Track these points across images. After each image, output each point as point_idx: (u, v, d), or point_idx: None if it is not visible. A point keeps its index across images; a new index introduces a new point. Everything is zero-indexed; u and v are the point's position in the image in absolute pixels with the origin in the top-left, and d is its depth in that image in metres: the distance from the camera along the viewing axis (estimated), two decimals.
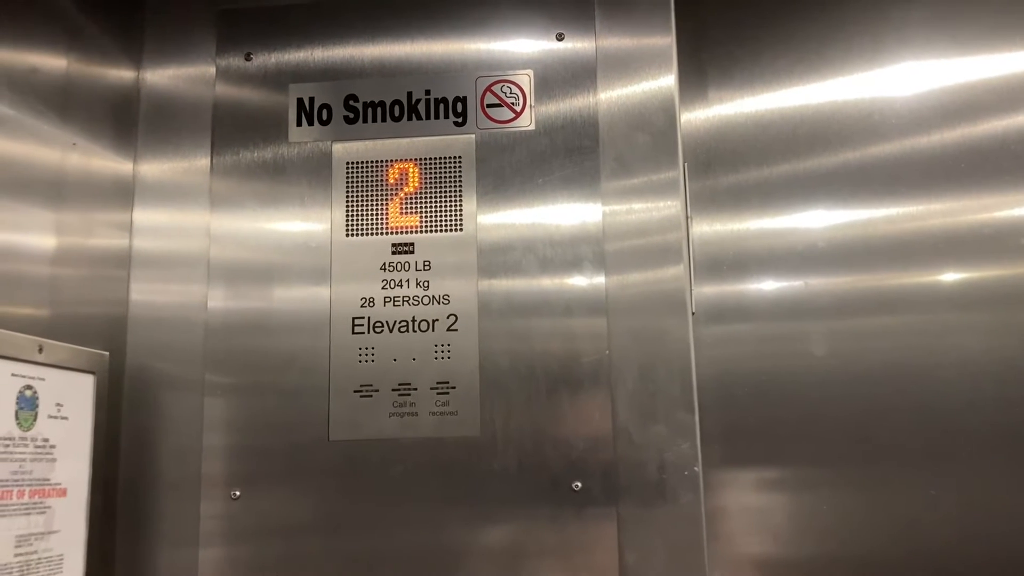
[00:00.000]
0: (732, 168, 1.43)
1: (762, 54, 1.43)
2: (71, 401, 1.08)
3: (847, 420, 1.35)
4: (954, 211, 1.39)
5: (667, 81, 1.25)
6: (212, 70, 1.31)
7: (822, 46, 1.43)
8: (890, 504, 1.33)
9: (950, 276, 1.37)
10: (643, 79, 1.25)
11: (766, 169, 1.43)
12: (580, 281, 1.20)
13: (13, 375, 0.99)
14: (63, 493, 1.06)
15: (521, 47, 1.26)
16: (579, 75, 1.25)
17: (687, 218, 1.24)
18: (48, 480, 1.03)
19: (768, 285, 1.40)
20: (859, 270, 1.38)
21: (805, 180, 1.41)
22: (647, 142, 1.23)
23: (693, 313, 1.21)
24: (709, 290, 1.40)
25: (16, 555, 0.97)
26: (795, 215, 1.41)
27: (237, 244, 1.26)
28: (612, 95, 1.25)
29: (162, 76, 1.32)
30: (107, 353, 1.16)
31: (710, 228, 1.42)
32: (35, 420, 1.01)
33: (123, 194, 1.28)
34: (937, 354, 1.35)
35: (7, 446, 0.97)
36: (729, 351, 1.39)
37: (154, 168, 1.31)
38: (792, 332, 1.39)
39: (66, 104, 1.16)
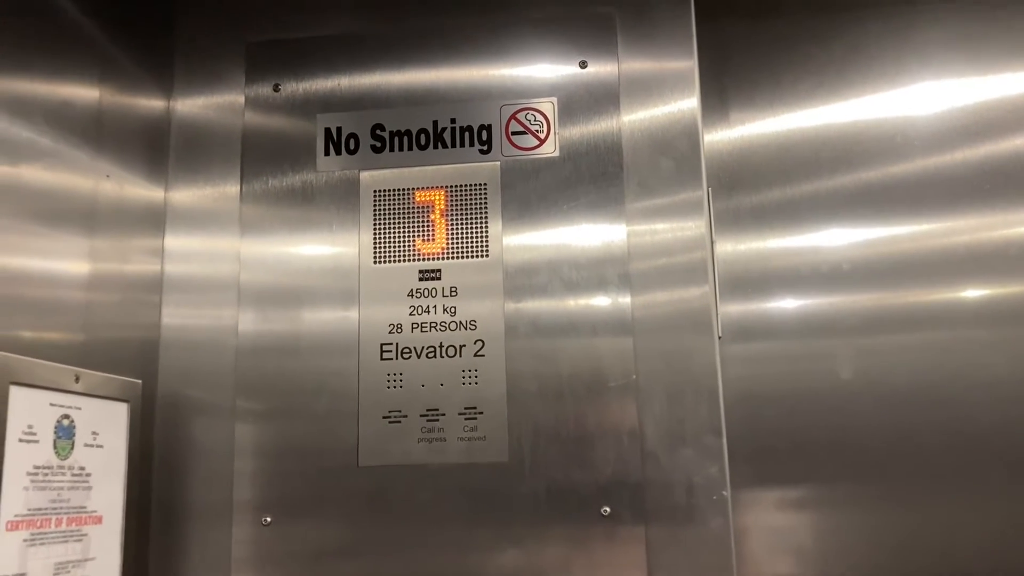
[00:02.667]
0: (755, 189, 1.44)
1: (783, 78, 1.45)
2: (106, 429, 1.10)
3: (874, 439, 1.35)
4: (978, 229, 1.39)
5: (690, 104, 1.26)
6: (241, 99, 1.33)
7: (843, 69, 1.44)
8: (918, 524, 1.33)
9: (975, 293, 1.38)
10: (666, 102, 1.26)
11: (789, 189, 1.44)
12: (606, 302, 1.21)
13: (51, 404, 1.00)
14: (99, 520, 1.07)
15: (545, 74, 1.28)
16: (602, 101, 1.26)
17: (712, 240, 1.25)
18: (84, 508, 1.05)
19: (792, 304, 1.41)
20: (884, 288, 1.39)
21: (828, 200, 1.42)
22: (671, 164, 1.24)
23: (720, 337, 1.21)
24: (733, 309, 1.40)
25: None
26: (819, 234, 1.42)
27: (267, 269, 1.28)
28: (635, 119, 1.26)
29: (192, 106, 1.35)
30: (140, 381, 1.18)
31: (734, 248, 1.43)
32: (72, 449, 1.03)
33: (155, 221, 1.31)
34: (963, 372, 1.35)
35: (46, 475, 0.98)
36: (754, 370, 1.39)
37: (185, 195, 1.33)
38: (817, 351, 1.39)
39: (99, 134, 1.18)
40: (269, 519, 1.20)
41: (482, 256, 1.24)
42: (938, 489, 1.34)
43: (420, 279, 1.24)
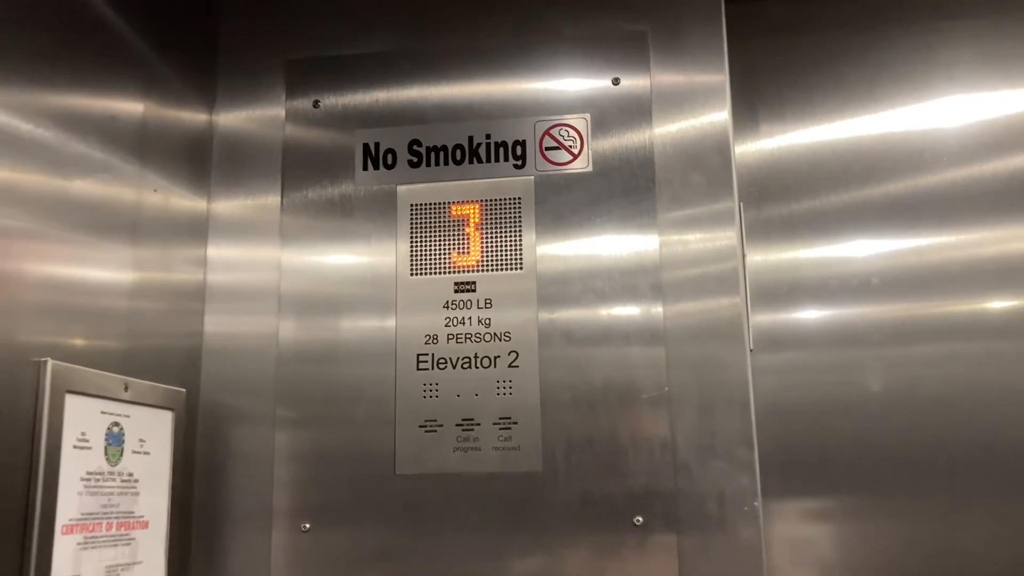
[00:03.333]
0: (785, 201, 1.46)
1: (813, 94, 1.47)
2: (152, 436, 1.13)
3: (902, 451, 1.37)
4: (1006, 241, 1.40)
5: (721, 117, 1.28)
6: (282, 114, 1.37)
7: (872, 85, 1.46)
8: (947, 536, 1.34)
9: (1002, 305, 1.39)
10: (698, 117, 1.29)
11: (819, 201, 1.46)
12: (638, 312, 1.23)
13: (102, 412, 1.04)
14: (145, 525, 1.11)
15: (578, 91, 1.30)
16: (635, 116, 1.28)
17: (743, 252, 1.26)
18: (132, 513, 1.08)
19: (821, 315, 1.43)
20: (912, 300, 1.40)
21: (857, 212, 1.44)
22: (702, 177, 1.26)
23: (751, 350, 1.23)
24: (763, 319, 1.42)
25: None
26: (848, 245, 1.44)
27: (306, 279, 1.31)
28: (667, 133, 1.28)
29: (235, 120, 1.38)
30: (184, 390, 1.21)
31: (764, 259, 1.45)
32: (121, 455, 1.07)
33: (198, 231, 1.34)
34: (992, 384, 1.36)
35: (97, 480, 1.02)
36: (783, 381, 1.41)
37: (227, 206, 1.36)
38: (846, 362, 1.41)
39: (145, 147, 1.22)
40: (308, 526, 1.23)
41: (516, 268, 1.26)
42: (967, 501, 1.35)
43: (455, 291, 1.27)
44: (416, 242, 1.29)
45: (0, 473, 0.90)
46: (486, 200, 1.29)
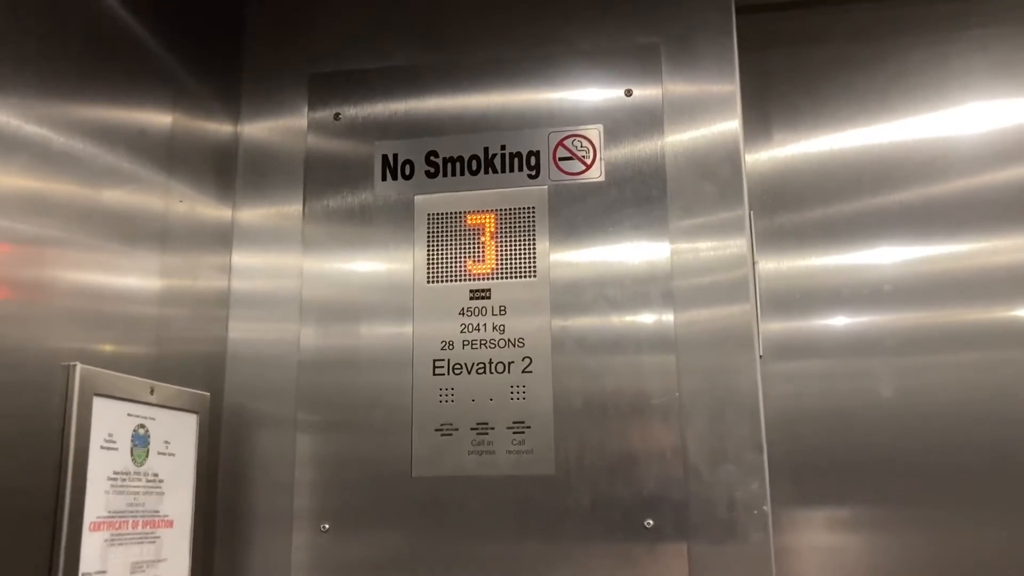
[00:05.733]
0: (797, 209, 1.47)
1: (825, 103, 1.48)
2: (177, 438, 1.17)
3: (916, 459, 1.37)
4: (1019, 249, 1.40)
5: (732, 127, 1.30)
6: (304, 126, 1.41)
7: (884, 94, 1.47)
8: (962, 546, 1.34)
9: (1016, 314, 1.39)
10: (709, 126, 1.31)
11: (831, 209, 1.47)
12: (650, 319, 1.26)
13: (129, 415, 1.08)
14: (170, 524, 1.15)
15: (591, 102, 1.33)
16: (647, 127, 1.31)
17: (753, 260, 1.28)
18: (157, 512, 1.12)
19: (834, 322, 1.44)
20: (925, 307, 1.41)
21: (870, 220, 1.45)
22: (713, 186, 1.29)
23: (760, 356, 1.25)
24: (775, 327, 1.43)
25: None
26: (860, 254, 1.44)
27: (327, 286, 1.35)
28: (679, 143, 1.31)
29: (258, 131, 1.43)
30: (208, 394, 1.25)
31: (776, 267, 1.46)
32: (147, 456, 1.11)
33: (223, 239, 1.38)
34: (1006, 392, 1.36)
35: (124, 480, 1.06)
36: (796, 388, 1.42)
37: (251, 215, 1.40)
38: (859, 369, 1.41)
39: (172, 158, 1.26)
40: (327, 526, 1.27)
41: (530, 276, 1.29)
42: (981, 509, 1.35)
43: (471, 298, 1.30)
44: (433, 250, 1.32)
45: (31, 472, 0.94)
46: (501, 209, 1.32)
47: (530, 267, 1.29)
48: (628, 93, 1.32)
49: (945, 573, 1.34)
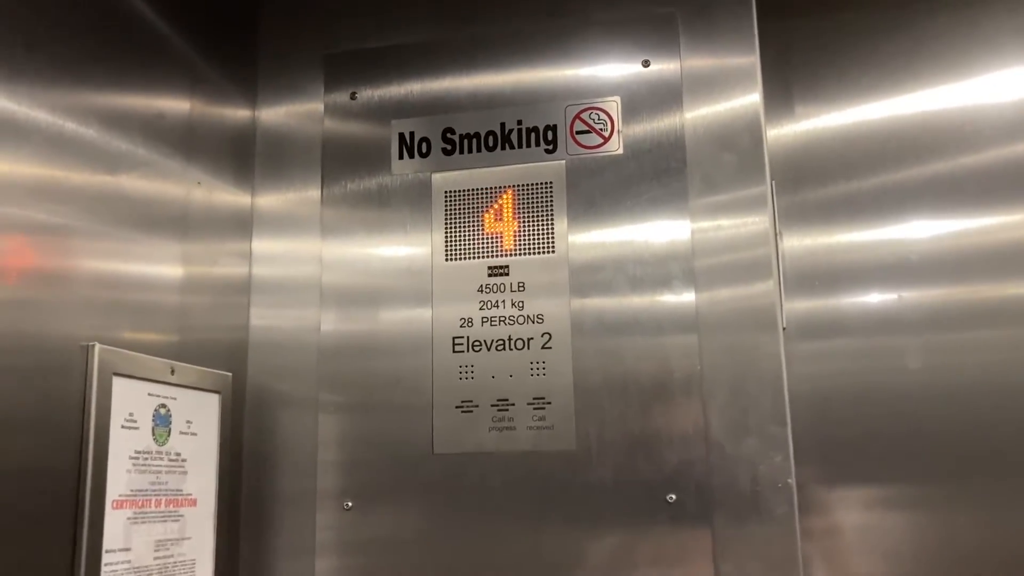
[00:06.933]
0: (821, 183, 1.45)
1: (848, 71, 1.46)
2: (199, 418, 1.18)
3: (943, 436, 1.35)
4: None
5: (752, 99, 1.28)
6: (320, 108, 1.41)
7: (910, 61, 1.44)
8: (990, 524, 1.32)
9: None
10: (728, 98, 1.29)
11: (855, 183, 1.44)
12: (670, 298, 1.24)
13: (149, 395, 1.09)
14: (194, 503, 1.15)
15: (608, 74, 1.32)
16: (665, 99, 1.29)
17: (776, 234, 1.26)
18: (181, 491, 1.13)
19: (861, 299, 1.42)
20: (953, 282, 1.39)
21: (895, 193, 1.42)
22: (734, 160, 1.26)
23: (784, 328, 1.23)
24: (801, 305, 1.42)
25: (155, 558, 1.07)
26: (886, 228, 1.42)
27: (347, 270, 1.35)
28: (698, 116, 1.29)
29: (275, 115, 1.43)
30: (230, 374, 1.26)
31: (800, 243, 1.44)
32: (169, 436, 1.11)
33: (243, 225, 1.39)
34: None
35: (146, 459, 1.07)
36: (823, 367, 1.40)
37: (270, 200, 1.41)
38: (886, 346, 1.39)
39: (191, 143, 1.26)
40: (351, 504, 1.27)
41: (548, 252, 1.28)
42: (1011, 486, 1.32)
43: (489, 275, 1.29)
44: (451, 229, 1.32)
45: (53, 451, 0.95)
46: (519, 185, 1.31)
47: (548, 243, 1.28)
48: (646, 64, 1.30)
49: (974, 552, 1.32)
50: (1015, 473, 1.32)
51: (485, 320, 1.28)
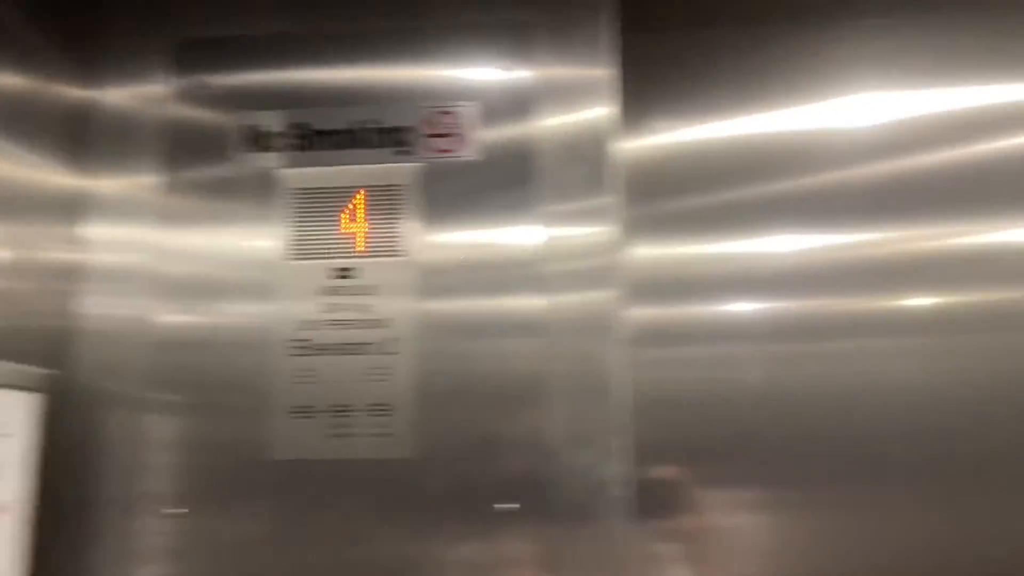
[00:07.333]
0: (675, 196, 1.47)
1: (707, 89, 1.47)
2: (14, 419, 1.11)
3: (781, 445, 1.39)
4: (892, 240, 1.43)
5: (605, 111, 1.29)
6: (166, 93, 1.34)
7: (764, 81, 1.47)
8: (822, 527, 1.37)
9: (880, 304, 1.41)
10: (582, 109, 1.29)
11: (708, 196, 1.47)
12: (518, 303, 1.24)
13: None
14: (2, 511, 1.08)
15: (465, 78, 1.30)
16: (520, 106, 1.28)
17: (622, 245, 1.27)
18: None
19: (706, 309, 1.44)
20: (796, 296, 1.42)
21: (745, 208, 1.45)
22: (584, 170, 1.27)
23: (628, 340, 1.24)
24: (649, 313, 1.43)
25: None
26: (736, 241, 1.45)
27: (184, 261, 1.29)
28: (551, 125, 1.29)
29: (117, 97, 1.35)
30: (54, 371, 1.19)
31: (652, 253, 1.46)
32: None
33: (75, 209, 1.31)
34: (866, 380, 1.39)
35: None
36: (667, 374, 1.42)
37: (106, 184, 1.33)
38: (731, 355, 1.42)
39: (18, 121, 1.18)
40: (182, 511, 1.22)
41: (398, 255, 1.26)
42: (842, 492, 1.37)
43: (335, 276, 1.26)
44: (297, 226, 1.28)
45: None
46: (370, 186, 1.28)
47: (399, 246, 1.26)
48: (502, 71, 1.29)
49: (809, 552, 1.37)
50: (852, 480, 1.37)
51: (329, 323, 1.25)
